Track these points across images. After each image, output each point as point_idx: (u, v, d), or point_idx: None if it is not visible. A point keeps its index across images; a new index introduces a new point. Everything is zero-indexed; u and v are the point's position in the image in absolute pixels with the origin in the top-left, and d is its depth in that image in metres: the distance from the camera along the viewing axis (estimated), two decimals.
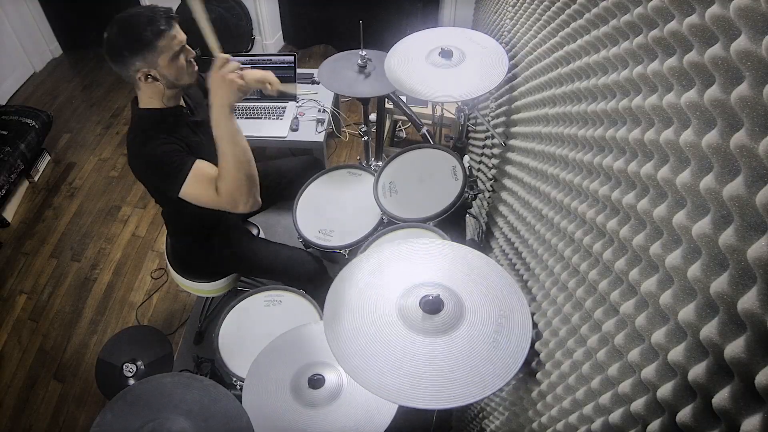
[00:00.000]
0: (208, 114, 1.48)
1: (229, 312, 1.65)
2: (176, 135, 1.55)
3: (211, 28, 1.44)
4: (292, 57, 2.77)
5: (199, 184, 1.50)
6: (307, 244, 1.81)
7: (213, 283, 1.99)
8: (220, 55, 1.46)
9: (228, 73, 1.44)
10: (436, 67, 1.51)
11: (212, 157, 1.54)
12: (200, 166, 1.51)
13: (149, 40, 1.40)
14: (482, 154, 2.12)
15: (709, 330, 0.54)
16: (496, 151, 1.81)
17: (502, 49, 1.51)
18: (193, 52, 1.53)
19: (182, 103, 1.64)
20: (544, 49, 1.29)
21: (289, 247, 1.96)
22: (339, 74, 1.93)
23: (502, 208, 1.62)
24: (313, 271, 1.91)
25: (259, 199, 1.56)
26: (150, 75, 1.45)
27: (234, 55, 2.73)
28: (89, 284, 2.78)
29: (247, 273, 2.12)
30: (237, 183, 1.48)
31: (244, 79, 1.46)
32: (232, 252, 1.88)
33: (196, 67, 1.56)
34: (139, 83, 1.48)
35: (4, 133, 3.12)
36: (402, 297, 1.01)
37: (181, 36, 1.47)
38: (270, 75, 1.67)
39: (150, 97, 1.53)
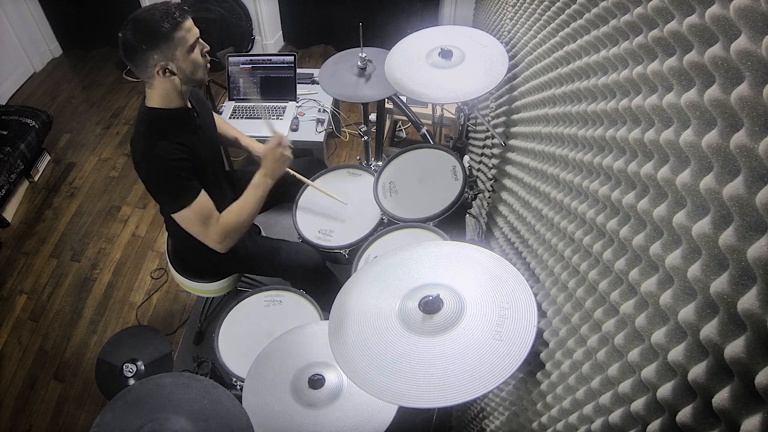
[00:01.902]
0: (207, 119, 1.49)
1: (229, 312, 1.65)
2: (182, 138, 1.57)
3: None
4: (292, 57, 2.77)
5: (195, 216, 1.59)
6: (307, 244, 1.81)
7: (213, 283, 1.98)
8: (278, 133, 1.71)
9: (284, 149, 1.70)
10: (436, 67, 1.51)
11: (208, 160, 1.60)
12: (203, 200, 1.59)
13: (166, 32, 1.43)
14: (482, 154, 2.12)
15: (709, 330, 0.54)
16: (496, 151, 1.81)
17: (502, 48, 1.51)
18: (207, 46, 1.55)
19: (188, 104, 1.66)
20: (544, 49, 1.29)
21: (289, 243, 1.96)
22: (339, 78, 1.93)
23: (502, 208, 1.62)
24: (315, 266, 1.90)
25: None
26: (168, 69, 1.48)
27: (234, 55, 2.76)
28: (89, 284, 2.78)
29: (249, 271, 2.12)
30: (238, 228, 1.68)
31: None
32: (234, 251, 1.88)
33: (209, 63, 1.58)
34: (155, 80, 1.50)
35: (4, 133, 3.12)
36: (402, 302, 1.01)
37: (195, 29, 1.50)
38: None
39: (161, 96, 1.55)
